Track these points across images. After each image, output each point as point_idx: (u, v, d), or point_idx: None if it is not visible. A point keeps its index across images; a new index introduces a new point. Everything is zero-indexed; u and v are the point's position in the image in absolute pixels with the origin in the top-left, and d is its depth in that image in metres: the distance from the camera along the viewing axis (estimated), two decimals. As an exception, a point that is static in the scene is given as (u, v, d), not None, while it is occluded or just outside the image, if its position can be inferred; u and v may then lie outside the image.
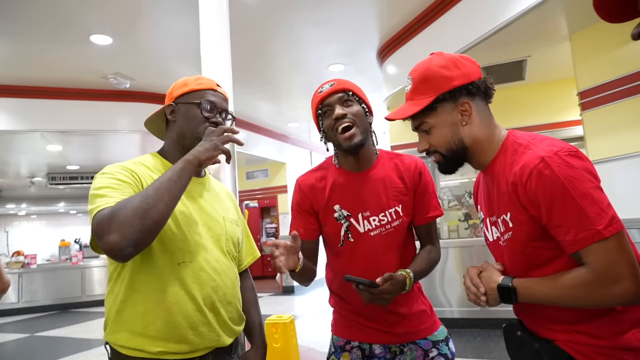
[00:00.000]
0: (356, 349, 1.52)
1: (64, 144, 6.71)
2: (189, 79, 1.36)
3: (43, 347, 5.78)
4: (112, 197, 1.06)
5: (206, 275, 1.23)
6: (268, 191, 10.00)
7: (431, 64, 1.12)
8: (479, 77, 1.12)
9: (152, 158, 1.33)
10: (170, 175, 1.09)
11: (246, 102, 6.73)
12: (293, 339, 3.68)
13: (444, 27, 4.14)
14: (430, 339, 1.49)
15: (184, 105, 1.31)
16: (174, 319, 1.15)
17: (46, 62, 4.91)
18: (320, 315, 6.65)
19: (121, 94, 5.85)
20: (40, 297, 8.73)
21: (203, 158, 1.14)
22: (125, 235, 0.98)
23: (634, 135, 3.11)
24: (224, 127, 1.21)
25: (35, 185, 9.54)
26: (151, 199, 1.02)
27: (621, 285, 0.88)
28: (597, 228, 0.89)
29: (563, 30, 3.59)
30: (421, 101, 1.11)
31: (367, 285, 1.27)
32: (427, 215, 1.50)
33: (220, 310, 1.25)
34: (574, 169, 0.93)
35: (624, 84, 3.17)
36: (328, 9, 4.17)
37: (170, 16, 4.12)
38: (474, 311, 4.92)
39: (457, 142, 1.11)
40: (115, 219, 0.99)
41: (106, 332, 1.20)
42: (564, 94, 4.68)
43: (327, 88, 1.43)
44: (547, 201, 0.94)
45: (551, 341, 1.02)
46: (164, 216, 1.05)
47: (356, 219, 1.46)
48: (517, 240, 1.03)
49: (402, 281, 1.33)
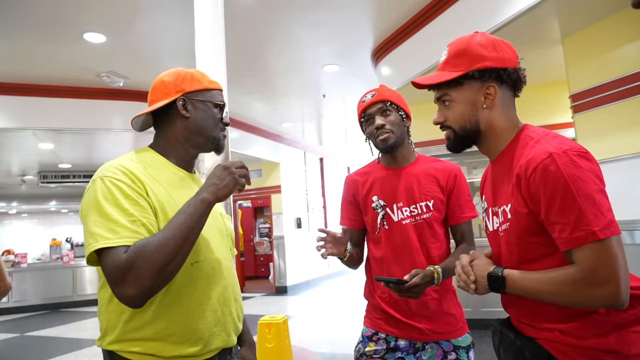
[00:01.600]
0: (382, 340, 1.63)
1: (56, 142, 6.65)
2: (195, 73, 1.30)
3: (33, 347, 5.73)
4: (120, 235, 0.99)
5: (218, 274, 1.21)
6: (262, 191, 9.98)
7: (471, 40, 1.12)
8: (514, 66, 1.11)
9: (146, 154, 1.25)
10: (190, 222, 1.03)
11: (240, 102, 6.71)
12: (286, 339, 3.67)
13: (437, 29, 4.16)
14: (453, 342, 1.59)
15: (201, 102, 1.26)
16: (189, 322, 1.12)
17: (39, 60, 4.87)
18: (313, 316, 6.66)
19: (114, 93, 5.81)
20: (31, 297, 8.66)
21: (222, 194, 1.10)
22: (142, 289, 0.97)
23: (625, 138, 3.14)
24: (241, 162, 1.17)
25: (26, 184, 9.45)
26: (171, 251, 0.99)
27: (606, 288, 0.89)
28: (593, 229, 0.89)
29: (555, 34, 3.62)
30: (450, 73, 1.12)
31: (395, 283, 1.41)
32: (463, 215, 1.64)
33: (231, 309, 1.24)
34: (580, 169, 0.93)
35: (615, 87, 3.21)
36: (323, 10, 4.18)
37: (165, 15, 4.10)
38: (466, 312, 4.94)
39: (473, 122, 1.12)
40: (133, 271, 0.96)
41: (107, 340, 1.10)
42: (556, 96, 4.72)
43: (369, 98, 1.64)
44: (548, 197, 0.94)
45: (534, 339, 1.03)
46: (179, 267, 1.04)
47: (391, 209, 1.63)
48: (514, 232, 1.05)
49: (430, 275, 1.46)
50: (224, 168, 1.12)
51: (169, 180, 1.20)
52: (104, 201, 1.03)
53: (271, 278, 9.73)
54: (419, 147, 5.43)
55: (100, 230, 1.00)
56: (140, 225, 1.03)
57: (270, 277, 9.82)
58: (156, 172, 1.18)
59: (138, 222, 1.03)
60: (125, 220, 1.01)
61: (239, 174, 1.13)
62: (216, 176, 1.12)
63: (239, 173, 1.13)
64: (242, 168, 1.15)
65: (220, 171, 1.12)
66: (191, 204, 1.06)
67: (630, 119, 3.12)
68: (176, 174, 1.25)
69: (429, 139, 5.39)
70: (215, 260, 1.21)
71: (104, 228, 1.00)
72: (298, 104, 7.25)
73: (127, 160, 1.16)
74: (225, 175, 1.11)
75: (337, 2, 4.07)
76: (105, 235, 0.99)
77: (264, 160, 9.17)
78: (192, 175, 1.32)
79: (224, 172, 1.12)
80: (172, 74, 1.29)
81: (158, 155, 1.26)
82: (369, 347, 1.62)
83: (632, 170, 3.09)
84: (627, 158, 3.11)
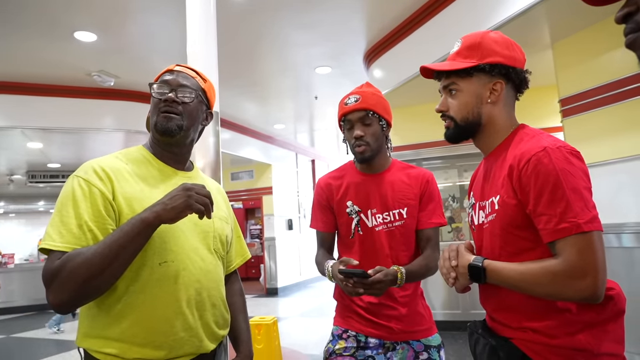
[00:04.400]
0: (352, 338, 1.62)
1: (45, 141, 6.58)
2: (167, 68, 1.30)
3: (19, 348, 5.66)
4: (63, 239, 1.01)
5: (190, 276, 1.14)
6: (253, 192, 9.95)
7: (486, 35, 1.15)
8: (522, 67, 1.16)
9: (138, 150, 1.25)
10: (124, 241, 1.00)
11: (232, 103, 6.70)
12: (276, 340, 3.67)
13: (429, 32, 4.19)
14: (423, 342, 1.60)
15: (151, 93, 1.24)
16: (152, 324, 1.08)
17: (28, 58, 4.82)
18: (303, 318, 6.64)
19: (105, 92, 5.77)
20: (18, 298, 8.55)
21: (167, 216, 1.02)
22: (62, 299, 0.99)
23: (613, 142, 3.18)
24: (207, 190, 1.09)
25: (14, 183, 9.32)
26: (96, 268, 0.98)
27: (585, 281, 0.91)
28: (578, 221, 0.92)
29: (545, 39, 3.66)
30: (463, 62, 1.14)
31: (359, 275, 1.38)
32: (430, 220, 1.63)
33: (205, 313, 1.18)
34: (572, 165, 0.96)
35: (604, 91, 3.25)
36: (315, 12, 4.18)
37: (157, 15, 4.08)
38: (456, 314, 4.97)
39: (475, 115, 1.15)
40: (57, 281, 0.98)
41: (79, 336, 1.12)
42: (546, 100, 4.78)
43: (352, 102, 1.59)
44: (538, 188, 0.97)
45: (508, 339, 1.05)
46: (108, 283, 1.02)
47: (365, 215, 1.63)
48: (499, 223, 1.07)
49: (394, 274, 1.44)
50: (183, 189, 1.05)
51: (151, 177, 1.19)
52: (66, 200, 1.06)
53: (262, 280, 9.70)
54: (410, 149, 5.48)
55: (51, 230, 1.03)
56: (86, 231, 1.03)
57: (261, 279, 9.79)
58: (139, 169, 1.18)
59: (85, 227, 1.03)
60: (74, 224, 1.03)
61: (197, 199, 1.05)
62: (170, 195, 1.05)
63: (197, 199, 1.05)
64: (204, 196, 1.07)
65: (177, 191, 1.06)
66: (131, 221, 1.02)
67: (618, 123, 3.16)
68: (162, 171, 1.23)
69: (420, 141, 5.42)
70: (189, 261, 1.15)
71: (55, 228, 1.03)
72: (290, 105, 7.25)
73: (110, 158, 1.17)
74: (179, 196, 1.04)
75: (330, 4, 4.07)
76: (52, 236, 1.02)
77: (255, 162, 9.16)
78: (182, 172, 1.28)
79: (180, 192, 1.05)
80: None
81: (146, 152, 1.25)
82: (339, 345, 1.61)
83: (619, 174, 3.13)
84: (615, 162, 3.15)
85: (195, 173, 1.35)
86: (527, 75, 1.17)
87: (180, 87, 1.22)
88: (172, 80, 1.22)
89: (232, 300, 1.38)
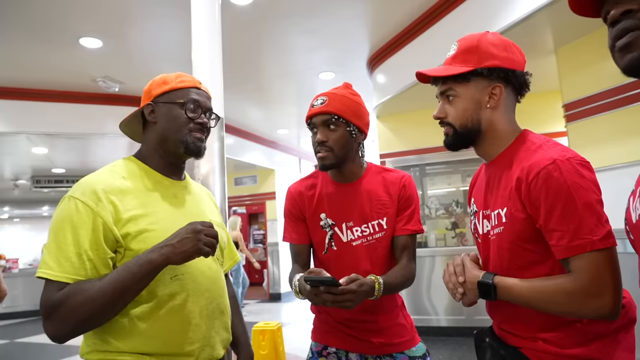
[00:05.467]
0: (333, 355, 1.53)
1: (50, 146, 6.61)
2: (168, 76, 1.25)
3: (23, 353, 5.66)
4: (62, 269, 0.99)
5: (201, 286, 1.15)
6: (256, 197, 9.96)
7: (483, 38, 1.11)
8: (522, 69, 1.11)
9: (128, 163, 1.21)
10: (130, 282, 0.99)
11: (236, 108, 6.72)
12: (280, 346, 3.65)
13: (433, 38, 4.20)
14: (407, 353, 1.50)
15: (165, 105, 1.20)
16: (167, 336, 1.08)
17: (34, 64, 4.85)
18: (307, 323, 6.62)
19: (110, 98, 5.80)
20: (22, 303, 8.56)
21: (176, 260, 1.02)
22: (61, 332, 0.99)
23: (617, 147, 3.17)
24: (215, 231, 1.08)
25: (19, 188, 9.38)
26: (99, 307, 0.98)
27: (602, 299, 0.88)
28: (593, 238, 0.89)
29: (549, 44, 3.66)
30: (459, 67, 1.10)
31: (328, 284, 1.20)
32: (406, 227, 1.48)
33: (215, 322, 1.19)
34: (583, 178, 0.93)
35: (608, 97, 3.24)
36: (319, 17, 4.20)
37: (162, 21, 4.11)
38: (460, 320, 4.94)
39: (475, 121, 1.10)
40: (57, 314, 0.98)
41: (85, 349, 1.10)
42: (550, 105, 4.77)
43: (318, 105, 1.44)
44: (549, 203, 0.93)
45: (517, 348, 1.03)
46: (108, 319, 1.03)
47: (340, 228, 1.49)
48: (506, 236, 1.03)
49: (371, 285, 1.28)
50: (193, 231, 1.03)
51: (149, 190, 1.17)
52: (62, 225, 1.03)
53: (265, 285, 9.68)
54: (413, 154, 5.47)
55: (48, 258, 1.01)
56: (85, 261, 1.01)
57: (264, 284, 9.77)
58: (135, 182, 1.16)
59: (84, 257, 1.01)
60: (73, 253, 1.01)
61: (205, 242, 1.04)
62: (179, 236, 1.03)
63: (205, 241, 1.04)
64: (212, 237, 1.06)
65: (186, 233, 1.04)
66: (138, 261, 1.01)
67: (622, 128, 3.15)
68: (159, 183, 1.21)
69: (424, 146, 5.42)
70: (198, 272, 1.15)
71: (53, 256, 1.01)
72: (293, 110, 7.27)
73: (106, 174, 1.14)
74: (189, 240, 1.02)
75: (333, 9, 4.09)
76: (50, 264, 1.00)
77: (258, 167, 9.16)
78: (179, 182, 1.27)
79: (189, 235, 1.03)
80: (151, 81, 1.27)
81: (140, 164, 1.22)
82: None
83: (624, 179, 3.12)
84: (620, 167, 3.14)
85: (187, 182, 1.33)
86: (528, 78, 1.12)
87: (208, 110, 1.25)
88: (203, 102, 1.23)
89: None
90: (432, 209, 5.49)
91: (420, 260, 5.12)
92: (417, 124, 5.35)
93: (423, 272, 5.15)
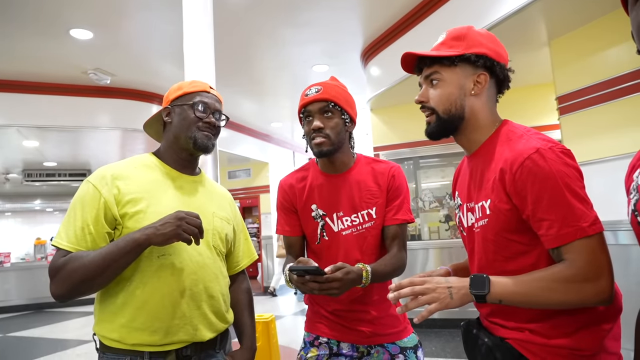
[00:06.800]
0: (324, 345, 1.55)
1: (41, 139, 6.54)
2: (183, 83, 1.43)
3: (16, 347, 5.64)
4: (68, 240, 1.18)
5: (186, 268, 1.25)
6: (250, 191, 9.94)
7: (471, 28, 1.14)
8: (505, 63, 1.13)
9: (147, 157, 1.39)
10: (116, 256, 1.14)
11: (229, 101, 6.68)
12: (274, 338, 3.67)
13: (426, 30, 4.18)
14: (398, 344, 1.52)
15: (179, 107, 1.37)
16: (150, 311, 1.20)
17: (24, 56, 4.79)
18: (300, 316, 6.65)
19: (101, 90, 5.74)
20: (14, 297, 8.52)
21: (157, 240, 1.14)
22: (60, 293, 1.16)
23: (610, 140, 3.19)
24: (198, 221, 1.18)
25: (10, 182, 9.27)
26: (90, 274, 1.14)
27: (600, 282, 0.88)
28: (581, 225, 0.89)
29: (542, 37, 3.66)
30: (448, 50, 1.11)
31: (313, 273, 1.22)
32: (396, 216, 1.50)
33: (201, 304, 1.28)
34: (567, 166, 0.94)
35: (601, 89, 3.25)
36: (312, 10, 4.17)
37: (154, 13, 4.06)
38: (453, 311, 4.97)
39: (458, 107, 1.10)
40: (58, 277, 1.16)
41: (95, 322, 1.26)
42: (543, 98, 4.78)
43: (313, 93, 1.48)
44: (536, 192, 0.93)
45: (504, 339, 1.03)
46: (99, 286, 1.20)
47: (331, 219, 1.53)
48: (491, 228, 1.04)
49: (358, 273, 1.30)
50: (175, 217, 1.16)
51: (156, 179, 1.33)
52: (76, 203, 1.23)
53: (259, 278, 9.70)
54: (407, 147, 5.48)
55: (62, 229, 1.21)
56: (87, 234, 1.19)
57: (259, 277, 9.79)
58: (146, 173, 1.33)
59: (86, 230, 1.19)
60: (78, 226, 1.20)
61: (185, 228, 1.14)
62: (163, 220, 1.16)
63: (185, 228, 1.14)
64: (194, 226, 1.16)
65: (169, 218, 1.16)
66: (125, 238, 1.16)
67: (615, 120, 3.17)
68: (168, 175, 1.37)
69: (417, 139, 5.43)
70: (186, 254, 1.26)
71: (64, 228, 1.21)
72: (287, 103, 7.24)
73: (122, 163, 1.34)
74: (170, 224, 1.14)
75: (327, 2, 4.07)
76: (61, 234, 1.20)
77: (252, 160, 9.14)
78: (189, 176, 1.41)
79: (171, 220, 1.15)
80: (171, 87, 1.45)
81: (155, 158, 1.40)
82: (311, 353, 1.55)
83: (617, 171, 3.14)
84: (613, 159, 3.16)
85: (200, 178, 1.46)
86: (509, 74, 1.14)
87: (216, 111, 1.41)
88: (212, 104, 1.39)
89: (238, 297, 1.50)
90: (426, 201, 5.51)
91: (413, 253, 5.14)
92: (411, 117, 5.34)
93: (416, 265, 5.17)
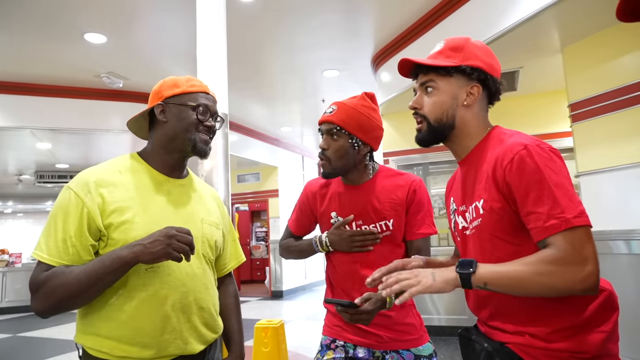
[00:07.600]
0: (340, 348, 1.57)
1: (54, 142, 6.63)
2: (178, 79, 1.33)
3: (26, 347, 5.69)
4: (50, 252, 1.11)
5: (176, 280, 1.19)
6: (259, 195, 9.96)
7: (469, 40, 1.17)
8: (498, 77, 1.18)
9: (128, 159, 1.29)
10: (101, 274, 1.07)
11: (239, 104, 6.72)
12: (282, 343, 3.66)
13: (437, 37, 4.17)
14: (413, 351, 1.53)
15: (176, 106, 1.28)
16: (139, 325, 1.14)
17: (38, 59, 4.87)
18: (308, 321, 6.63)
19: (114, 94, 5.81)
20: (25, 297, 8.58)
21: (145, 259, 1.07)
22: (42, 309, 1.10)
23: (622, 148, 3.15)
24: (190, 238, 1.11)
25: (22, 183, 9.41)
26: (73, 292, 1.08)
27: (587, 268, 0.88)
28: (566, 216, 0.90)
29: (555, 43, 3.64)
30: (445, 60, 1.14)
31: (345, 306, 1.31)
32: (419, 231, 1.55)
33: (192, 317, 1.22)
34: (554, 162, 0.96)
35: (614, 97, 3.22)
36: (323, 15, 4.19)
37: (167, 17, 4.11)
38: (461, 319, 4.93)
39: (450, 116, 1.14)
40: (39, 293, 1.09)
41: (76, 333, 1.20)
42: (555, 105, 4.74)
43: (328, 113, 1.55)
44: (524, 187, 0.96)
45: (504, 344, 1.03)
46: (83, 303, 1.13)
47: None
48: (485, 228, 1.05)
49: (382, 300, 1.36)
50: (165, 235, 1.08)
51: (142, 185, 1.24)
52: (57, 212, 1.15)
53: (267, 282, 9.70)
54: (417, 153, 5.46)
55: (42, 240, 1.13)
56: (69, 247, 1.12)
57: (266, 282, 9.79)
58: (132, 178, 1.23)
59: (69, 243, 1.12)
60: (59, 238, 1.12)
61: (175, 247, 1.07)
62: (152, 238, 1.08)
63: (175, 246, 1.07)
64: (186, 244, 1.09)
65: (159, 235, 1.08)
66: (112, 255, 1.09)
67: (628, 128, 3.13)
68: (155, 179, 1.27)
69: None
70: (175, 266, 1.19)
71: (44, 239, 1.13)
72: (297, 108, 7.26)
73: (104, 167, 1.24)
74: (160, 243, 1.07)
75: (338, 7, 4.08)
76: (42, 246, 1.12)
77: (261, 164, 9.17)
78: (176, 180, 1.32)
79: (161, 238, 1.08)
80: (161, 82, 1.34)
81: (140, 161, 1.30)
82: (327, 356, 1.56)
83: (629, 179, 3.10)
84: (625, 168, 3.12)
85: (188, 180, 1.37)
86: (501, 87, 1.18)
87: (215, 114, 1.34)
88: (212, 107, 1.32)
89: (226, 302, 1.44)
90: (436, 208, 5.48)
91: (422, 259, 5.11)
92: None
93: (425, 271, 5.14)
